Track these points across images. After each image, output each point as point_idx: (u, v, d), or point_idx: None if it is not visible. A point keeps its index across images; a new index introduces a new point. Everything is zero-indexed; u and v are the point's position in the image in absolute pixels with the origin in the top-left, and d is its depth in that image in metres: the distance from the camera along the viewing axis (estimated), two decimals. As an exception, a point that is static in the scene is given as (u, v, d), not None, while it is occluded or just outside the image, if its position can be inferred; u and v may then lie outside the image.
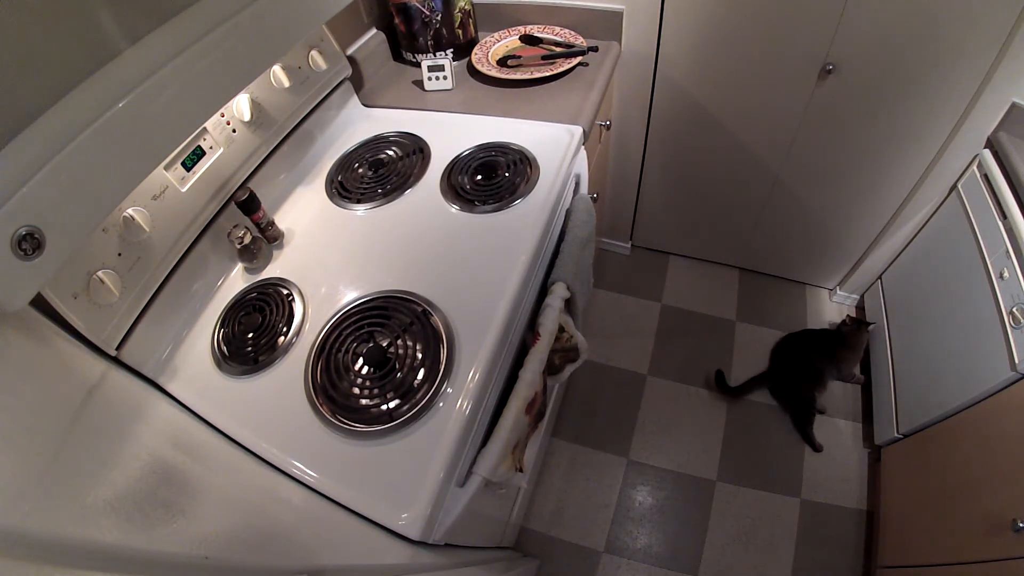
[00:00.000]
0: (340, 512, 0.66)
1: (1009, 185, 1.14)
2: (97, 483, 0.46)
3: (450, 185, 1.04)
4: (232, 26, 0.67)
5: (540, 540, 1.47)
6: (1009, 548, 0.92)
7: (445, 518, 0.69)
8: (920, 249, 1.51)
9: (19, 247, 0.50)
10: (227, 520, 0.53)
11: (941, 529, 1.12)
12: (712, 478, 1.55)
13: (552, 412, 1.53)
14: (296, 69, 1.03)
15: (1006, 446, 1.00)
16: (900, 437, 1.38)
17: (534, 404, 0.86)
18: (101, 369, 0.69)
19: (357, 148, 1.16)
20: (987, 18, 1.08)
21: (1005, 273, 1.10)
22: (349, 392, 0.75)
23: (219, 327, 0.85)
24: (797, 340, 1.71)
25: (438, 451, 0.69)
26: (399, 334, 0.79)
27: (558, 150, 1.07)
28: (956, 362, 1.22)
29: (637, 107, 1.58)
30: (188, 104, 0.65)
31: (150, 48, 0.59)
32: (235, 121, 0.92)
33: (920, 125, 1.31)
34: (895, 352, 1.51)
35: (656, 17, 1.34)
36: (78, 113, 0.53)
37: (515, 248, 0.91)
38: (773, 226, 1.78)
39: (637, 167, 1.76)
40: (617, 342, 1.86)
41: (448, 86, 1.28)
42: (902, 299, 1.57)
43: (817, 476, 1.53)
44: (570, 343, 1.00)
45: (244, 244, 0.89)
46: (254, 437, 0.73)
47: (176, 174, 0.82)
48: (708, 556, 1.42)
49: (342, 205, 1.04)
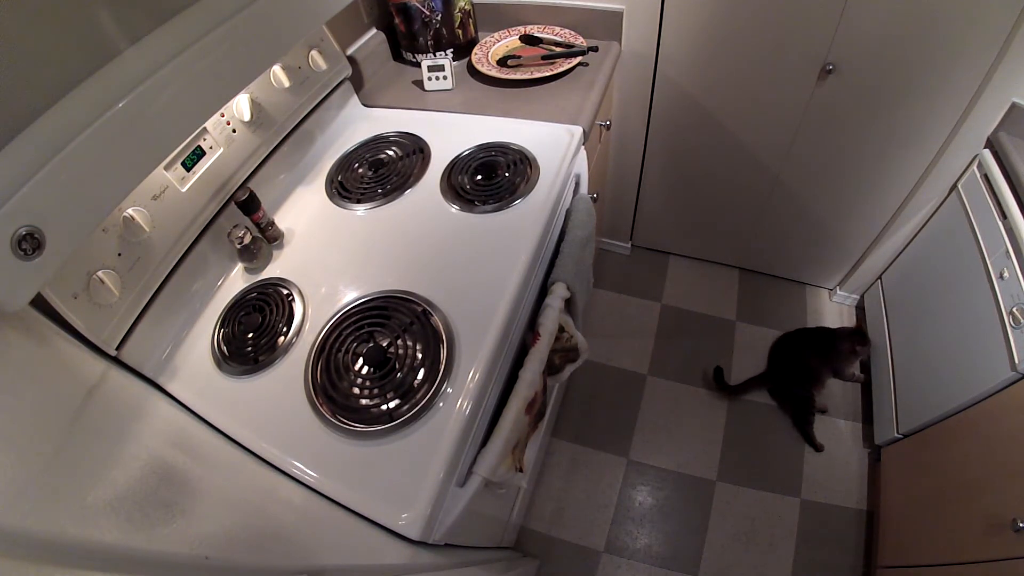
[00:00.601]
0: (340, 512, 0.66)
1: (1009, 185, 1.14)
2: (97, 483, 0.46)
3: (450, 185, 1.03)
4: (232, 26, 0.67)
5: (540, 540, 1.47)
6: (1009, 548, 0.92)
7: (445, 518, 0.69)
8: (920, 249, 1.51)
9: (19, 247, 0.50)
10: (227, 520, 0.53)
11: (941, 529, 1.12)
12: (712, 478, 1.55)
13: (552, 412, 1.53)
14: (296, 69, 1.03)
15: (1006, 446, 1.00)
16: (900, 437, 1.38)
17: (534, 404, 0.86)
18: (101, 369, 0.69)
19: (357, 148, 1.16)
20: (987, 18, 1.08)
21: (1005, 273, 1.10)
22: (349, 392, 0.75)
23: (219, 327, 0.85)
24: (794, 339, 1.70)
25: (438, 451, 0.69)
26: (399, 334, 0.79)
27: (558, 150, 1.07)
28: (956, 362, 1.22)
29: (637, 107, 1.58)
30: (188, 104, 0.65)
31: (150, 48, 0.59)
32: (235, 121, 0.92)
33: (920, 125, 1.31)
34: (895, 352, 1.51)
35: (656, 17, 1.34)
36: (78, 113, 0.53)
37: (515, 248, 0.91)
38: (773, 226, 1.78)
39: (637, 167, 1.76)
40: (617, 342, 1.86)
41: (448, 86, 1.28)
42: (902, 299, 1.57)
43: (817, 476, 1.53)
44: (570, 343, 1.00)
45: (244, 244, 0.89)
46: (254, 437, 0.73)
47: (176, 174, 0.82)
48: (708, 556, 1.42)
49: (342, 205, 1.04)
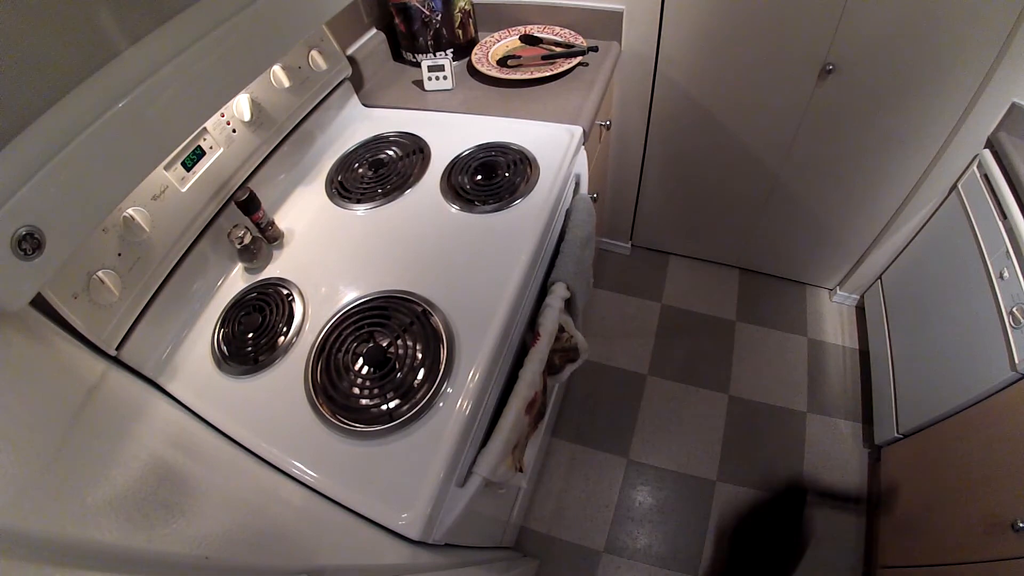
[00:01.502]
0: (340, 512, 0.66)
1: (1009, 185, 1.14)
2: (97, 483, 0.46)
3: (450, 185, 1.03)
4: (232, 26, 0.67)
5: (540, 540, 1.47)
6: (1009, 548, 0.92)
7: (445, 518, 0.69)
8: (920, 249, 1.51)
9: (19, 247, 0.50)
10: (227, 520, 0.53)
11: (941, 529, 1.12)
12: (712, 478, 1.55)
13: (552, 412, 1.53)
14: (296, 69, 1.03)
15: (1006, 446, 1.00)
16: (900, 437, 1.38)
17: (534, 404, 0.86)
18: (101, 369, 0.69)
19: (357, 148, 1.16)
20: (987, 18, 1.08)
21: (1005, 273, 1.10)
22: (349, 392, 0.75)
23: (219, 327, 0.85)
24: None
25: (438, 451, 0.69)
26: (399, 334, 0.79)
27: (558, 150, 1.07)
28: (956, 362, 1.22)
29: (637, 107, 1.58)
30: (188, 104, 0.65)
31: (150, 48, 0.59)
32: (235, 121, 0.92)
33: (920, 125, 1.31)
34: (895, 352, 1.51)
35: (656, 17, 1.34)
36: (78, 113, 0.53)
37: (515, 248, 0.91)
38: (773, 226, 1.78)
39: (637, 167, 1.76)
40: (617, 342, 1.86)
41: (448, 86, 1.28)
42: (902, 299, 1.57)
43: (817, 476, 1.53)
44: (570, 343, 1.00)
45: (244, 244, 0.89)
46: (254, 437, 0.73)
47: (176, 174, 0.82)
48: (708, 556, 1.42)
49: (342, 205, 1.04)
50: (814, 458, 1.56)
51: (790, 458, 1.57)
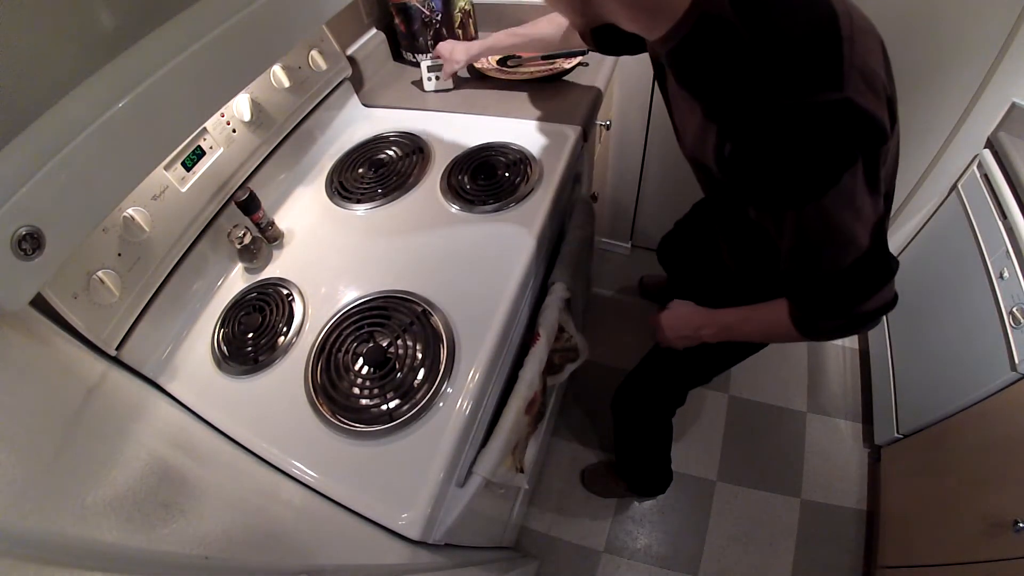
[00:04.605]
0: (340, 512, 0.66)
1: (1009, 185, 1.14)
2: (97, 483, 0.46)
3: (450, 185, 1.03)
4: (232, 26, 0.67)
5: (540, 540, 1.47)
6: (1009, 548, 0.91)
7: (445, 518, 0.69)
8: (920, 249, 1.51)
9: (19, 247, 0.50)
10: (227, 520, 0.53)
11: (941, 529, 1.12)
12: (712, 478, 1.55)
13: (552, 412, 1.53)
14: (296, 69, 1.03)
15: (1006, 446, 1.00)
16: (900, 437, 1.38)
17: (534, 404, 0.86)
18: (101, 369, 0.69)
19: (357, 148, 1.15)
20: (987, 18, 1.08)
21: (1005, 273, 1.10)
22: (349, 392, 0.75)
23: (219, 327, 0.85)
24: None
25: (438, 451, 0.69)
26: (399, 334, 0.79)
27: (558, 150, 1.07)
28: (956, 362, 1.22)
29: (637, 107, 1.57)
30: (188, 104, 0.65)
31: (150, 48, 0.59)
32: (235, 121, 0.92)
33: (920, 125, 1.31)
34: (895, 352, 1.51)
35: (656, 17, 1.34)
36: (78, 113, 0.53)
37: (515, 248, 0.91)
38: (773, 226, 1.78)
39: (637, 167, 1.76)
40: (617, 342, 1.86)
41: (448, 86, 1.28)
42: (902, 299, 1.56)
43: (817, 476, 1.53)
44: (570, 343, 1.00)
45: (244, 244, 0.89)
46: (254, 437, 0.73)
47: (176, 174, 0.82)
48: (708, 556, 1.41)
49: (342, 205, 1.04)
50: (814, 458, 1.56)
51: (790, 458, 1.57)
